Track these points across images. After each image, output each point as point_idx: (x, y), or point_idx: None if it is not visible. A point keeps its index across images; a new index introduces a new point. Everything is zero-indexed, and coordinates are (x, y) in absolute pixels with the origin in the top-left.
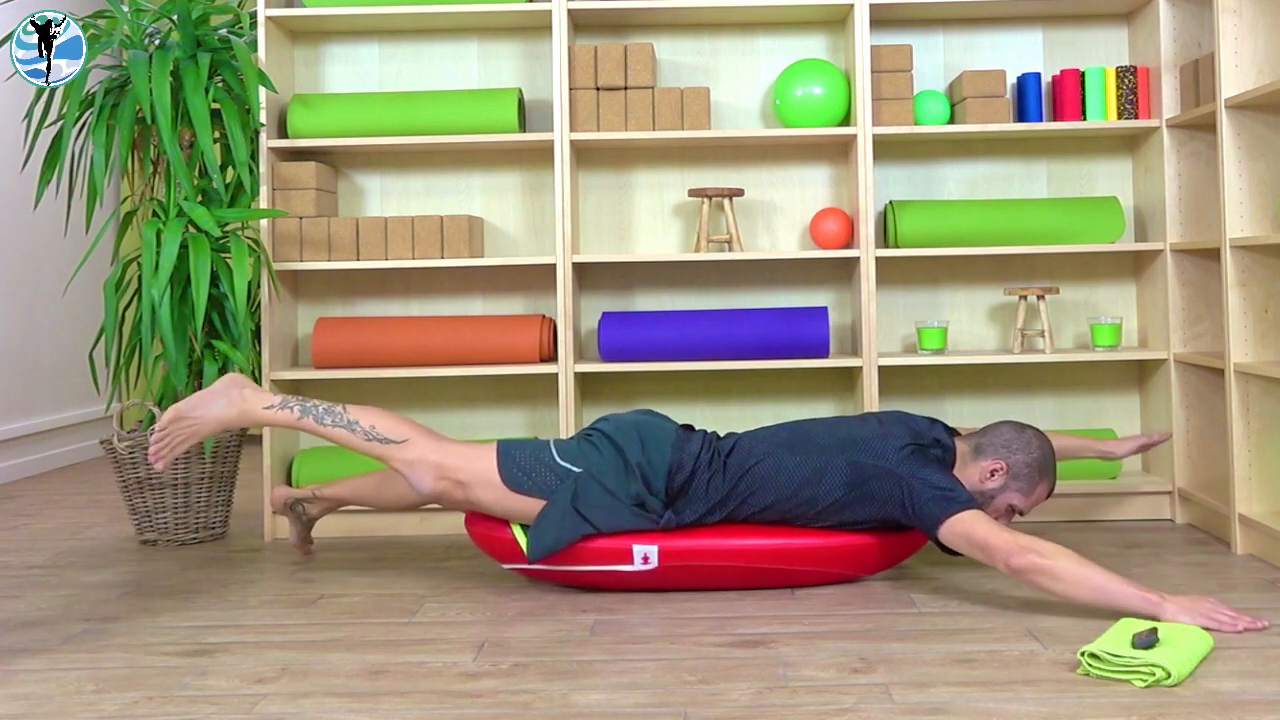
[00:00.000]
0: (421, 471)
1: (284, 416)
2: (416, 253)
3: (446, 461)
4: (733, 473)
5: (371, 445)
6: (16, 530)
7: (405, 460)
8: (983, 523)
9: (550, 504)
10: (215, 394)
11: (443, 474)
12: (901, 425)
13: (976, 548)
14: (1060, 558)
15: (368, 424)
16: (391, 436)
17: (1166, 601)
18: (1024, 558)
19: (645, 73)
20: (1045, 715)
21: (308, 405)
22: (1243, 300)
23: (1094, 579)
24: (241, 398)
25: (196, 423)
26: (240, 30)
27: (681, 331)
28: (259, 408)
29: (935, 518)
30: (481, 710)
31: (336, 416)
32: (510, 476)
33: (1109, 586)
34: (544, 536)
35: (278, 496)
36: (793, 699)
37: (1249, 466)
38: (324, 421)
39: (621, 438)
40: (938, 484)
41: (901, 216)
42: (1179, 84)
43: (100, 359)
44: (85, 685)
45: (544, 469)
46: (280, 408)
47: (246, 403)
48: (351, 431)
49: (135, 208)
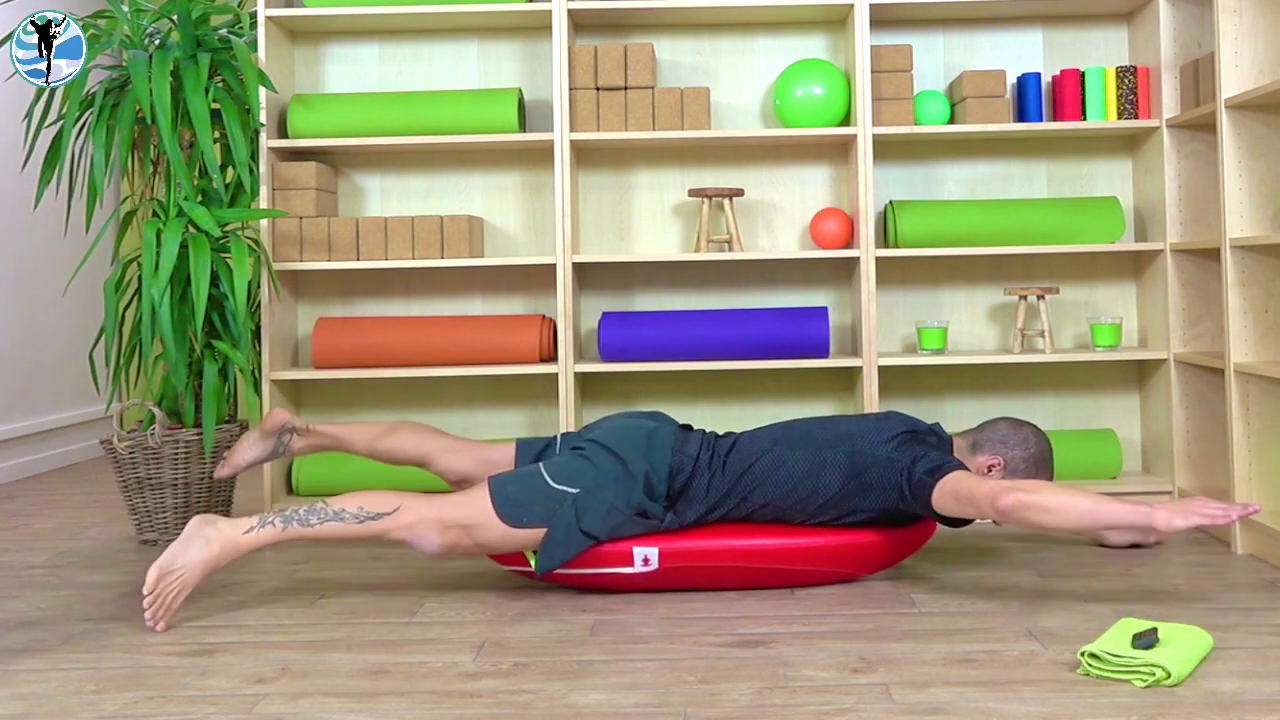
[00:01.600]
0: (424, 531)
1: (267, 534)
2: (416, 253)
3: (445, 514)
4: (732, 471)
5: (367, 526)
6: (16, 530)
7: (405, 525)
8: (967, 477)
9: (553, 529)
10: (189, 539)
11: (445, 525)
12: (897, 418)
13: (963, 500)
14: (1045, 489)
15: (355, 507)
16: (383, 510)
17: (1157, 509)
18: (1009, 497)
19: (645, 73)
20: (1045, 715)
21: (286, 514)
22: (1243, 300)
23: (1082, 503)
24: (217, 532)
25: (182, 572)
26: (240, 30)
27: (681, 331)
28: (239, 535)
29: (927, 486)
30: (481, 710)
31: (320, 513)
32: (508, 514)
33: (1098, 508)
34: (551, 557)
35: (277, 418)
36: (793, 699)
37: (1249, 466)
38: (309, 523)
39: (618, 445)
40: (931, 458)
41: (901, 216)
42: (1179, 84)
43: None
44: (85, 685)
45: (539, 498)
46: (260, 527)
47: (224, 535)
48: (341, 521)
49: (135, 208)
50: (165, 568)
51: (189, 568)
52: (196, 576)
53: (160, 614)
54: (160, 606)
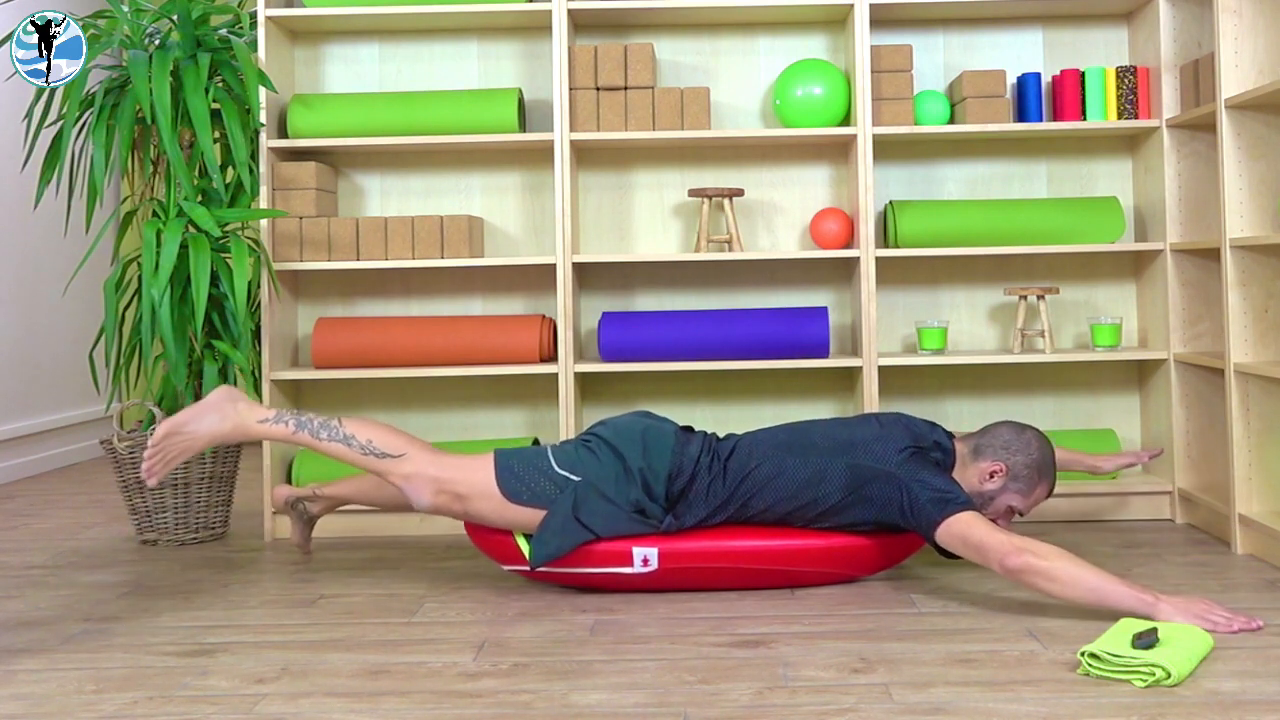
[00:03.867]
0: (419, 485)
1: (279, 430)
2: (416, 253)
3: (444, 475)
4: (733, 476)
5: (368, 460)
6: (16, 530)
7: (402, 474)
8: (979, 524)
9: (551, 513)
10: (208, 408)
11: (440, 488)
12: (901, 428)
13: (972, 549)
14: (1055, 558)
15: (364, 438)
16: (388, 450)
17: (1161, 602)
18: (1019, 558)
19: (645, 73)
20: (1045, 715)
21: (303, 419)
22: (1243, 300)
23: (1089, 580)
24: (235, 411)
25: (190, 437)
26: (240, 30)
27: (681, 331)
28: (253, 421)
29: (932, 519)
30: (481, 710)
31: (332, 430)
32: (509, 487)
33: (1104, 587)
34: (546, 545)
35: (279, 495)
36: (793, 699)
37: (1249, 466)
38: (319, 436)
39: (620, 443)
40: (936, 486)
41: (901, 216)
42: (1179, 84)
43: (100, 359)
44: (85, 685)
45: (542, 478)
46: (275, 421)
47: (240, 416)
48: (348, 445)
49: (135, 208)
50: (176, 427)
51: (197, 435)
52: (202, 444)
53: (158, 467)
54: (159, 461)
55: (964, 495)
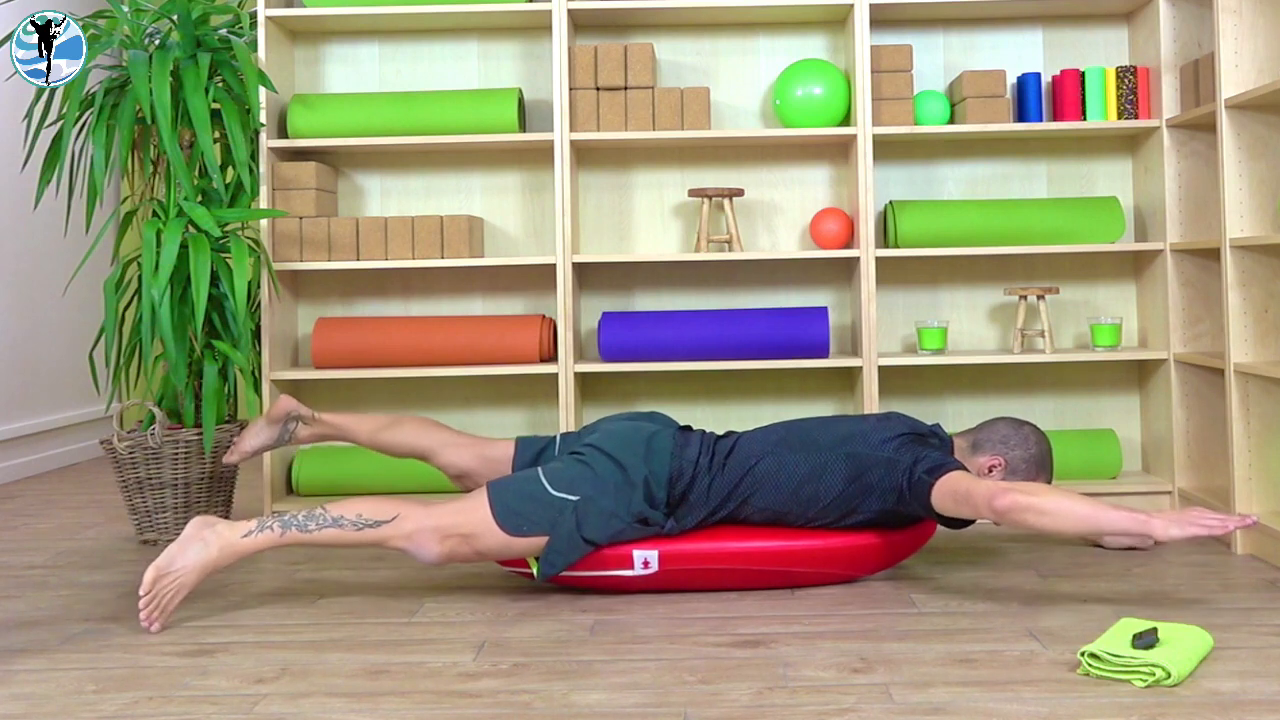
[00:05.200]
0: (423, 539)
1: (265, 539)
2: (416, 253)
3: (443, 522)
4: (732, 474)
5: (365, 534)
6: (16, 530)
7: (404, 534)
8: (965, 477)
9: (555, 537)
10: (188, 541)
11: (444, 534)
12: (898, 419)
13: (961, 500)
14: (1043, 492)
15: (353, 514)
16: (381, 518)
17: (1154, 517)
18: (1007, 497)
19: (645, 73)
20: (1045, 715)
21: (286, 519)
22: (1243, 300)
23: (1079, 508)
24: (216, 535)
25: (180, 574)
26: (240, 30)
27: (681, 331)
28: (237, 539)
29: (926, 485)
30: (481, 710)
31: (319, 519)
32: (508, 522)
33: (1096, 513)
34: (553, 565)
35: (282, 406)
36: (793, 699)
37: (1249, 467)
38: (308, 528)
39: (617, 449)
40: (931, 459)
41: (901, 216)
42: (1179, 84)
43: (100, 359)
44: (85, 685)
45: (539, 506)
46: (259, 530)
47: (223, 539)
48: (340, 528)
49: (135, 208)
50: (163, 569)
51: (187, 570)
52: (194, 579)
53: (155, 615)
54: (156, 607)
55: (956, 463)
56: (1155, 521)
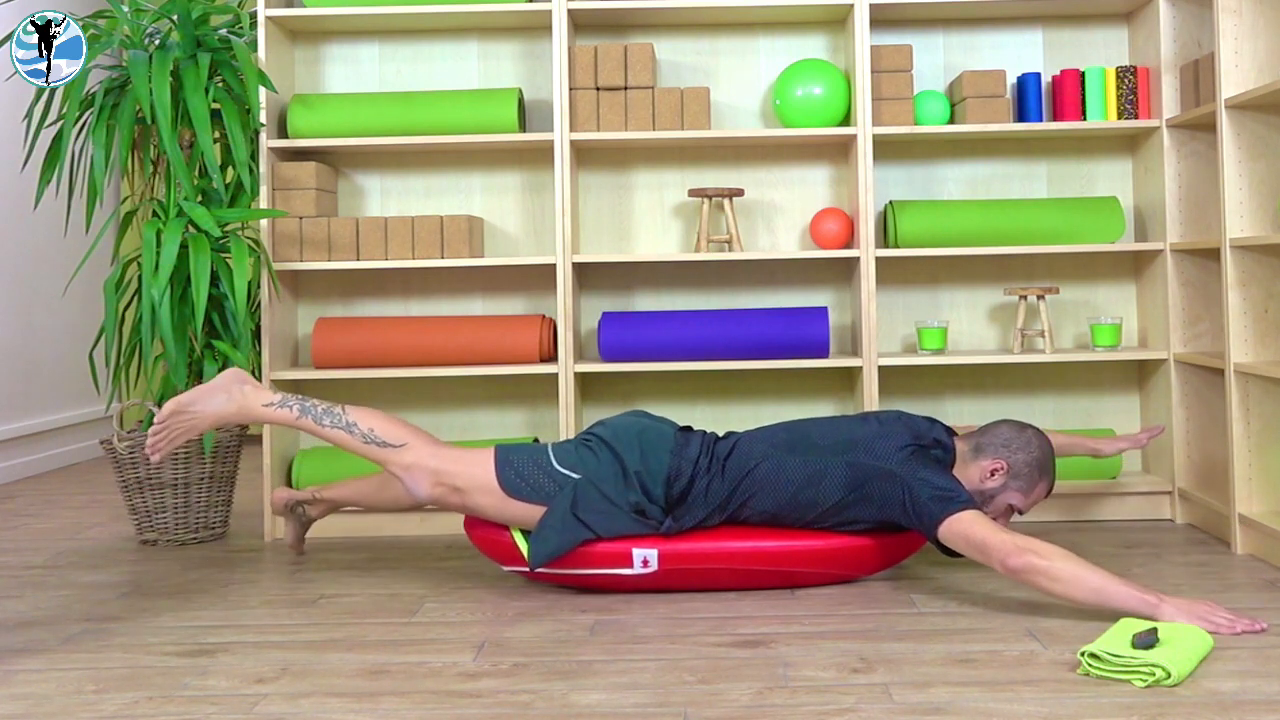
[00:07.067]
0: (418, 476)
1: (282, 415)
2: (416, 253)
3: (444, 467)
4: (732, 475)
5: (369, 448)
6: (16, 530)
7: (402, 464)
8: (981, 523)
9: (550, 511)
10: (216, 389)
11: (440, 480)
12: (901, 425)
13: (974, 548)
14: (1058, 558)
15: (366, 426)
16: (390, 440)
17: (1164, 603)
18: (1021, 558)
19: (645, 73)
20: (1045, 715)
21: (307, 405)
22: (1243, 300)
23: (1091, 580)
24: (241, 394)
25: (195, 417)
26: (240, 30)
27: (681, 331)
28: (258, 404)
29: (934, 517)
30: (481, 710)
31: (335, 417)
32: (509, 483)
33: (1107, 587)
34: (545, 543)
35: (279, 498)
36: (793, 699)
37: (1249, 466)
38: (322, 422)
39: (619, 444)
40: (937, 484)
41: (901, 216)
42: (1179, 84)
43: (100, 359)
44: (85, 685)
45: (542, 475)
46: (279, 406)
47: (246, 399)
48: (350, 433)
49: (135, 208)
50: (182, 406)
51: (204, 414)
52: (206, 425)
53: (162, 444)
54: (165, 438)
55: (965, 494)
56: (1165, 607)
